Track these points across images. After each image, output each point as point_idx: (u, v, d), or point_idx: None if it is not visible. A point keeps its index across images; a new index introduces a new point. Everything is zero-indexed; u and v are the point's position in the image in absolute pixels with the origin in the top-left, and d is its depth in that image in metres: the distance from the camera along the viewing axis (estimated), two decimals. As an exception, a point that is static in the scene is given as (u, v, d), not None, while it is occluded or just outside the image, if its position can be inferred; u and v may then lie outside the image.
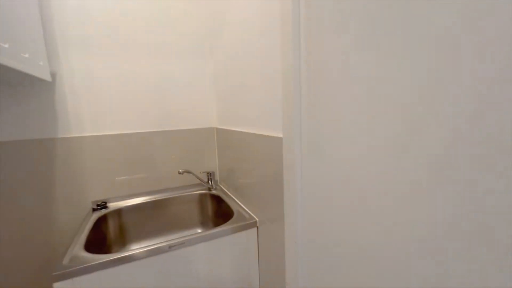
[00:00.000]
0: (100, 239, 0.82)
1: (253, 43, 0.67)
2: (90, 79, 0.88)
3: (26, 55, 0.62)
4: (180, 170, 0.94)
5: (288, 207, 0.56)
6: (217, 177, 1.13)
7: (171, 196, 1.00)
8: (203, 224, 1.04)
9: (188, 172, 0.96)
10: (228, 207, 0.87)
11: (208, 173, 1.06)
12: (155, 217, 0.96)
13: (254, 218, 0.76)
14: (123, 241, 0.91)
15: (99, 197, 0.93)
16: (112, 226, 0.88)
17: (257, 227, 0.75)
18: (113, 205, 0.92)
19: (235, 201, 0.91)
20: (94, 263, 0.57)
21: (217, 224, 0.99)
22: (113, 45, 0.90)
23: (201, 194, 1.04)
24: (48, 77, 0.77)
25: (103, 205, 0.91)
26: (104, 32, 0.88)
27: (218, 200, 0.99)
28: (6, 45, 0.53)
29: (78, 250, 0.63)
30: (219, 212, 0.98)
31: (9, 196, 0.81)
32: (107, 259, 0.59)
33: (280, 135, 0.55)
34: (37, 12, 0.73)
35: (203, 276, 0.70)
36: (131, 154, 0.96)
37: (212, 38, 1.03)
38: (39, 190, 0.84)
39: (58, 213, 0.88)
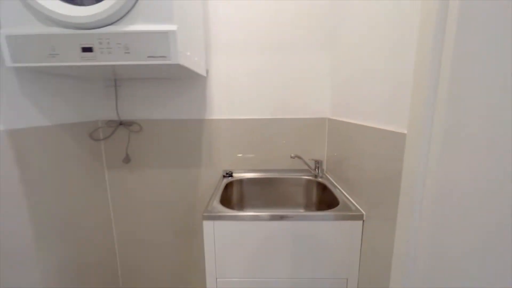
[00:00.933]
0: (228, 198, 1.05)
1: (378, 37, 0.65)
2: (230, 74, 1.10)
3: (196, 59, 0.87)
4: (292, 155, 1.05)
5: (403, 209, 0.54)
6: (324, 166, 1.17)
7: (281, 176, 1.13)
8: (307, 207, 1.12)
9: (299, 157, 1.06)
10: (333, 196, 0.91)
11: (316, 161, 1.11)
12: (266, 191, 1.12)
13: (361, 211, 0.76)
14: (241, 204, 1.13)
15: (227, 167, 1.18)
16: (235, 191, 1.11)
17: (363, 221, 0.75)
18: (236, 175, 1.15)
19: (341, 192, 0.93)
20: (227, 214, 0.77)
21: (319, 209, 1.04)
22: (246, 47, 1.08)
23: (307, 180, 1.11)
24: (204, 73, 1.04)
25: (230, 174, 1.15)
26: (240, 38, 1.07)
27: (323, 188, 1.04)
28: (188, 53, 0.76)
29: (216, 203, 0.85)
30: (323, 199, 1.03)
31: (172, 160, 1.17)
32: (236, 214, 0.77)
33: (404, 131, 0.53)
34: (202, 27, 0.98)
35: (302, 253, 0.78)
36: (252, 136, 1.15)
37: (331, 34, 1.05)
38: (190, 157, 1.17)
39: (201, 174, 1.18)
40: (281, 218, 0.76)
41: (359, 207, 0.79)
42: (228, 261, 0.79)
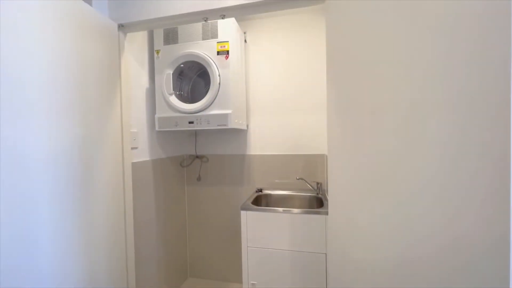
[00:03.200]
0: (256, 203, 1.66)
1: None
2: (261, 127, 1.80)
3: (241, 122, 1.59)
4: (297, 177, 1.63)
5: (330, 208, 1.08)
6: (325, 187, 1.70)
7: (294, 193, 1.70)
8: (311, 214, 1.64)
9: (302, 179, 1.63)
10: (322, 204, 1.44)
11: (317, 183, 1.66)
12: (282, 202, 1.70)
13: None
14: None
15: (259, 186, 1.80)
16: (263, 200, 1.72)
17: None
18: (265, 191, 1.76)
19: (328, 202, 1.45)
20: (253, 207, 1.38)
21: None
22: (271, 108, 1.77)
23: (310, 196, 1.65)
24: (245, 128, 1.75)
25: (260, 190, 1.77)
26: (266, 101, 1.78)
27: (320, 201, 1.57)
28: (236, 121, 1.48)
29: (248, 202, 1.47)
30: (319, 206, 1.55)
31: (226, 180, 1.86)
32: (259, 207, 1.38)
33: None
34: (245, 101, 1.73)
35: (295, 231, 1.32)
36: (272, 165, 1.78)
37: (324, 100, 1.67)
38: (236, 178, 1.84)
39: (243, 190, 1.83)
40: (284, 211, 1.34)
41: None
42: (254, 236, 1.38)
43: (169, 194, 1.72)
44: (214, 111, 1.42)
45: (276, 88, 1.77)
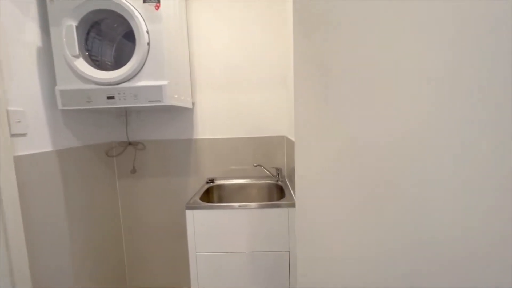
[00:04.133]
0: (207, 198, 1.39)
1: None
2: (211, 105, 1.48)
3: (182, 98, 1.25)
4: (255, 164, 1.40)
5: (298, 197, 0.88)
6: (285, 173, 1.51)
7: (251, 182, 1.47)
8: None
9: (260, 165, 1.40)
10: (283, 193, 1.24)
11: (277, 169, 1.46)
12: (238, 193, 1.46)
13: (293, 201, 1.09)
14: (220, 202, 1.46)
15: (210, 175, 1.52)
16: (215, 192, 1.45)
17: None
18: (217, 182, 1.49)
19: (290, 191, 1.27)
20: (202, 204, 1.11)
21: (278, 205, 1.37)
22: (222, 83, 1.47)
23: (269, 183, 1.45)
24: (190, 106, 1.42)
25: (212, 180, 1.49)
26: (216, 77, 1.46)
27: (280, 189, 1.37)
28: (176, 96, 1.14)
29: (196, 198, 1.19)
30: (280, 196, 1.36)
31: (168, 170, 1.52)
32: (209, 205, 1.11)
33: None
34: (189, 73, 1.38)
35: (254, 229, 1.11)
36: (225, 151, 1.51)
37: (284, 76, 1.43)
38: (182, 168, 1.52)
39: (190, 181, 1.53)
40: (240, 207, 1.10)
41: (295, 199, 1.12)
42: (204, 240, 1.12)
43: (93, 194, 1.32)
44: (142, 82, 1.05)
45: (228, 59, 1.46)
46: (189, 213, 1.11)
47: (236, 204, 1.11)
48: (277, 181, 1.45)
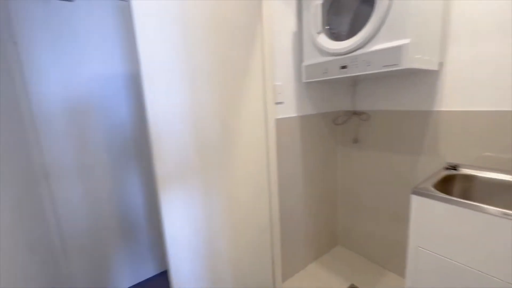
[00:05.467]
0: (443, 187, 1.07)
1: None
2: (471, 63, 1.05)
3: (427, 58, 0.99)
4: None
5: None
6: None
7: (534, 183, 0.92)
8: None
9: None
10: None
11: None
12: (496, 193, 0.98)
13: None
14: (460, 197, 1.09)
15: (452, 160, 1.15)
16: (458, 185, 1.09)
17: None
18: (462, 170, 1.10)
19: None
20: (436, 194, 0.88)
21: None
22: (496, 28, 0.96)
23: None
24: (435, 67, 1.10)
25: (454, 167, 1.13)
26: (484, 21, 0.97)
27: None
28: (418, 56, 0.92)
29: (427, 185, 0.96)
30: None
31: (394, 145, 1.35)
32: (445, 196, 0.86)
33: None
34: (440, 22, 1.05)
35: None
36: (482, 129, 1.02)
37: None
38: (412, 145, 1.29)
39: (419, 161, 1.27)
40: (503, 215, 0.73)
41: None
42: (430, 236, 0.91)
43: (318, 156, 1.53)
44: (377, 46, 0.95)
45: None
46: (415, 199, 0.93)
47: (496, 209, 0.75)
48: None
